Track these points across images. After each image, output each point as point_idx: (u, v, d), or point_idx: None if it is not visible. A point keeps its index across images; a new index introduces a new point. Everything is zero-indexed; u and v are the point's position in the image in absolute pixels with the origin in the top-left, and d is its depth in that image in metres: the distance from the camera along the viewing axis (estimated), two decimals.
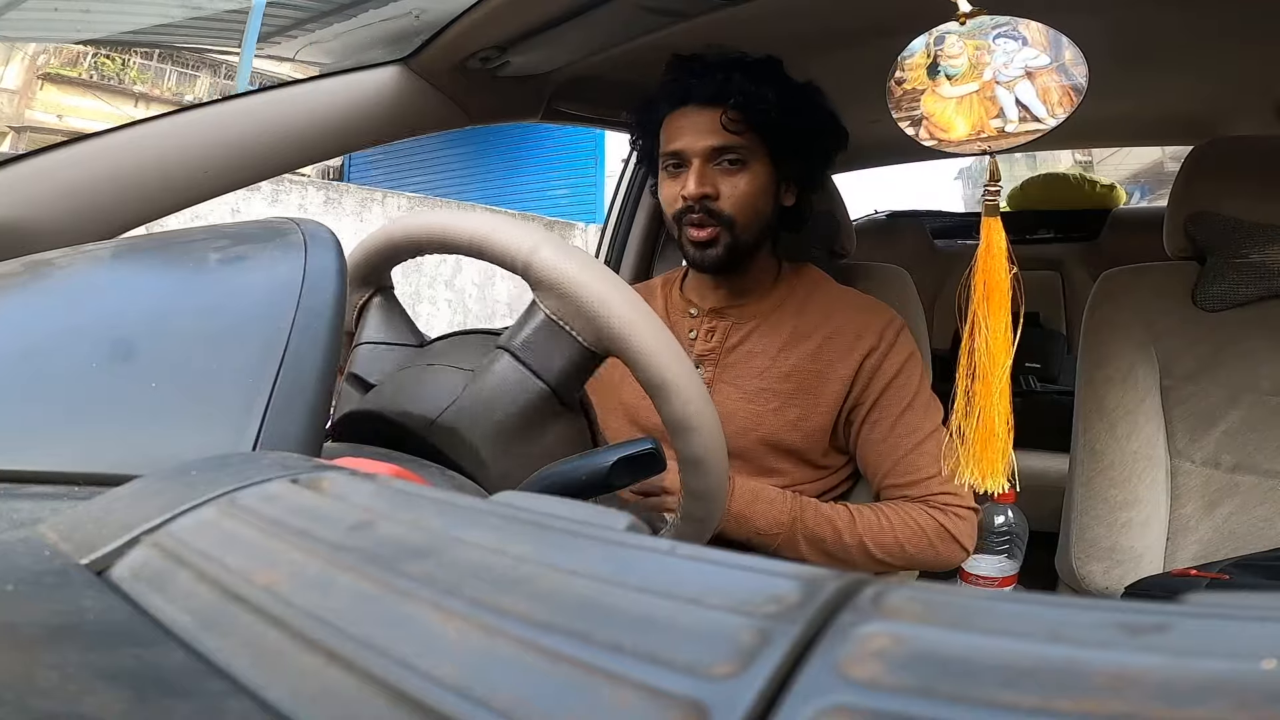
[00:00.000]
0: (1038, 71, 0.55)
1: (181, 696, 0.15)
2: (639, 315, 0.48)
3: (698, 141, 0.85)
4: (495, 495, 0.23)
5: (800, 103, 0.87)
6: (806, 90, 0.89)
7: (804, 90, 0.88)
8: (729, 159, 0.85)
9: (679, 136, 0.86)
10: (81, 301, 0.38)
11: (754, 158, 0.86)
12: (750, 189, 0.86)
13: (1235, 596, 0.13)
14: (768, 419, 0.89)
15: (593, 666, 0.13)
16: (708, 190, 0.85)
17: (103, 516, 0.23)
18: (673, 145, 0.87)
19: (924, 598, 0.13)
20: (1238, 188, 0.87)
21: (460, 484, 0.46)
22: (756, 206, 0.87)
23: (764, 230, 0.89)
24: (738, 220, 0.86)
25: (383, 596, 0.16)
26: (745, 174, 0.85)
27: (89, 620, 0.17)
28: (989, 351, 0.59)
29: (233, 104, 0.77)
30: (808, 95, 0.88)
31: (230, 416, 0.32)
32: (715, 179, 0.85)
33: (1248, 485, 0.86)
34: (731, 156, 0.85)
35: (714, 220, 0.86)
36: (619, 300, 0.48)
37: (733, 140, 0.84)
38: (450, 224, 0.51)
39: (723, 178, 0.85)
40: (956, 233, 2.27)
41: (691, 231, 0.86)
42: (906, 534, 0.84)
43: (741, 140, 0.84)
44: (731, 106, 0.83)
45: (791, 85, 0.87)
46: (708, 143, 0.85)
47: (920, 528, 0.84)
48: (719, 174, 0.86)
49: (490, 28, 0.79)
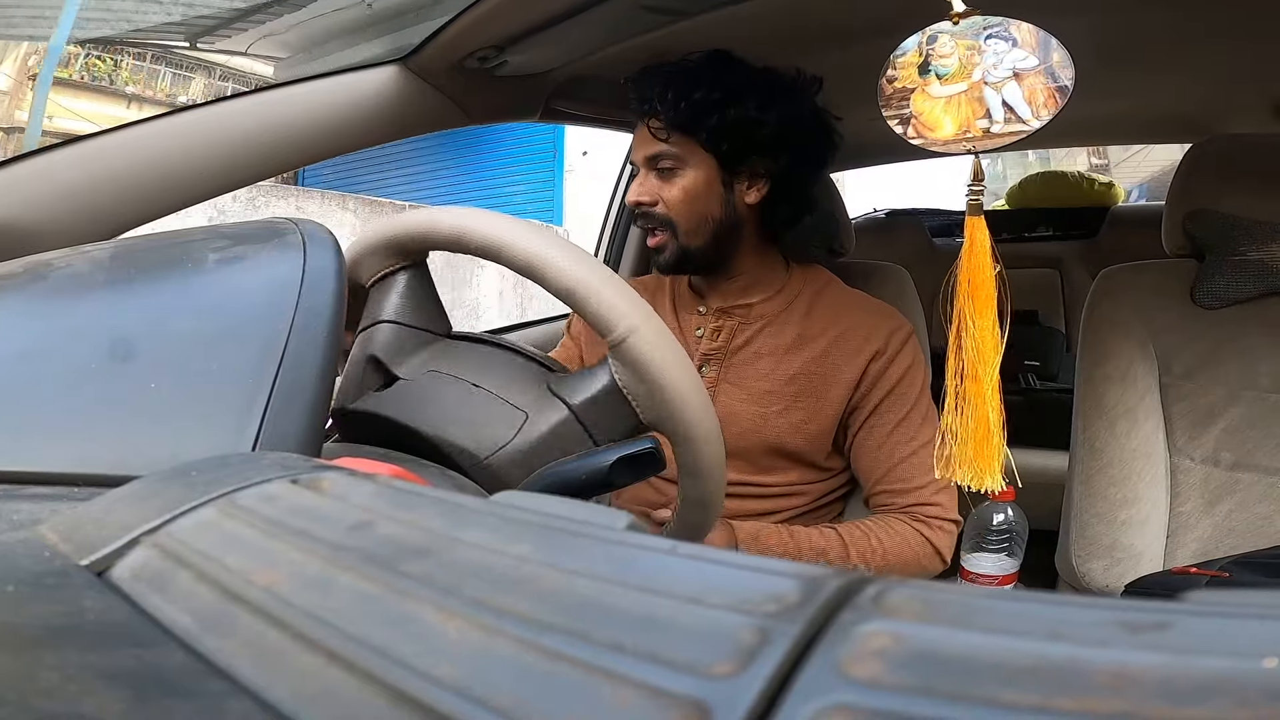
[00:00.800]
0: (1025, 73, 0.56)
1: (182, 697, 0.15)
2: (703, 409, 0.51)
3: (639, 151, 0.88)
4: (495, 495, 0.23)
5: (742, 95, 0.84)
6: (757, 80, 0.85)
7: (753, 81, 0.85)
8: (662, 165, 0.86)
9: (634, 148, 0.90)
10: (80, 302, 0.38)
11: (690, 160, 0.85)
12: (686, 193, 0.86)
13: (1235, 595, 0.13)
14: (771, 421, 0.89)
15: (593, 666, 0.13)
16: (643, 199, 0.87)
17: (103, 517, 0.23)
18: (632, 156, 0.91)
19: (924, 596, 0.13)
20: (1236, 185, 0.87)
21: (460, 484, 0.46)
22: (697, 209, 0.86)
23: (719, 231, 0.88)
24: (679, 224, 0.87)
25: (383, 596, 0.16)
26: (680, 178, 0.86)
27: (89, 621, 0.17)
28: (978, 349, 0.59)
29: (231, 104, 0.77)
30: (756, 86, 0.85)
31: (230, 417, 0.32)
32: (655, 186, 0.87)
33: (1247, 482, 0.86)
34: (664, 164, 0.86)
35: (657, 225, 0.87)
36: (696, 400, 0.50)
37: (661, 147, 0.85)
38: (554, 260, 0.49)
39: (661, 184, 0.87)
40: (956, 231, 2.27)
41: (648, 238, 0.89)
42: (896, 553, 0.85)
43: (669, 146, 0.85)
44: (647, 114, 0.85)
45: (728, 80, 0.84)
46: (644, 152, 0.87)
47: (908, 544, 0.86)
48: (659, 181, 0.87)
49: (489, 27, 0.79)
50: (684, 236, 0.87)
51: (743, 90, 0.84)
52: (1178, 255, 0.94)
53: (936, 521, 0.87)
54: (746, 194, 0.88)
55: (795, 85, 0.87)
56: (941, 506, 0.87)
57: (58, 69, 6.45)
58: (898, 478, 0.87)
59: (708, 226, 0.87)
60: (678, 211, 0.86)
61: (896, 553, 0.85)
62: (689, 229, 0.87)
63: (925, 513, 0.87)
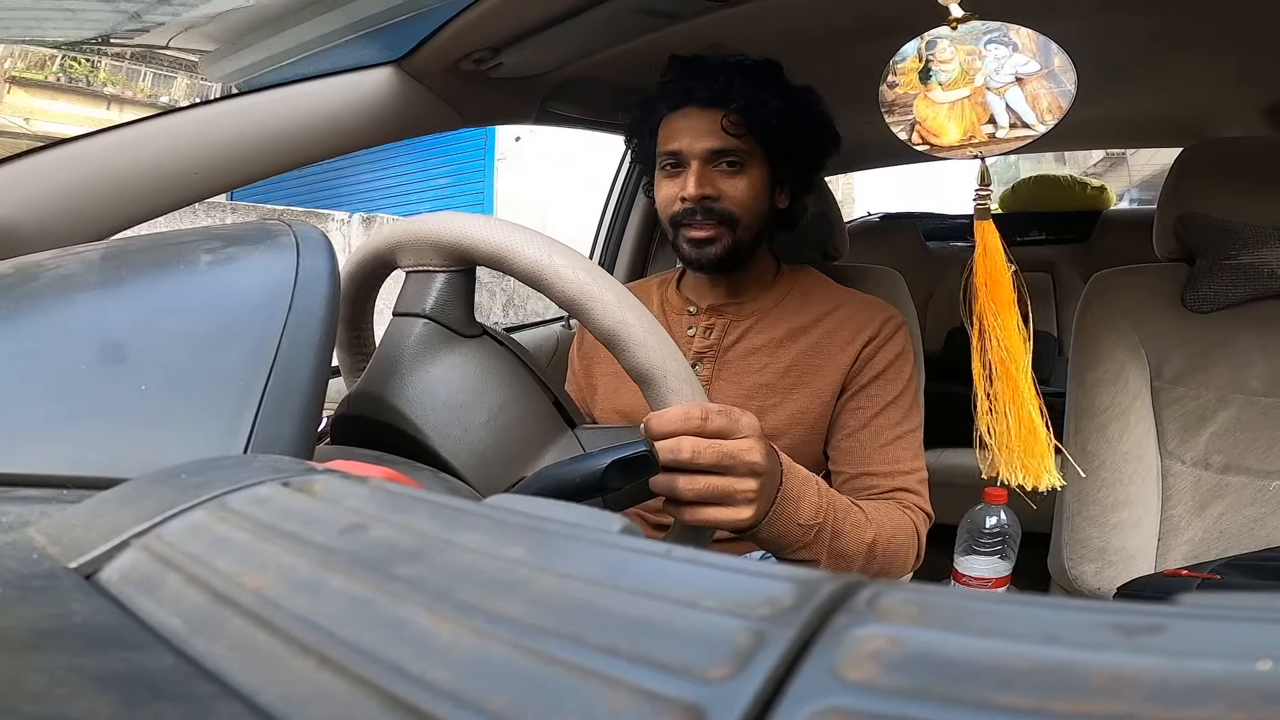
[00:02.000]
0: (1027, 78, 0.56)
1: (171, 700, 0.14)
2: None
3: (697, 143, 0.86)
4: (488, 498, 0.23)
5: (797, 108, 0.87)
6: (804, 95, 0.89)
7: (801, 95, 0.89)
8: (728, 161, 0.86)
9: (677, 137, 0.87)
10: (71, 303, 0.38)
11: (752, 160, 0.87)
12: (752, 189, 0.87)
13: (1229, 598, 0.13)
14: (769, 414, 0.89)
15: (587, 670, 0.13)
16: (708, 191, 0.86)
17: (92, 520, 0.22)
18: (670, 145, 0.87)
19: (919, 600, 0.13)
20: (1227, 190, 0.87)
21: (454, 486, 0.45)
22: (757, 207, 0.88)
23: (763, 230, 0.90)
24: (741, 219, 0.87)
25: (375, 600, 0.16)
26: (744, 176, 0.87)
27: (78, 624, 0.17)
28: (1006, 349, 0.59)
29: (224, 105, 0.77)
30: (805, 100, 0.89)
31: (221, 419, 0.32)
32: (715, 180, 0.86)
33: (1238, 485, 0.87)
34: (731, 159, 0.86)
35: (715, 219, 0.86)
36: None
37: (733, 144, 0.85)
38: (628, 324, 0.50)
39: (722, 179, 0.86)
40: (949, 234, 2.28)
41: (691, 231, 0.87)
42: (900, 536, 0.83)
43: (741, 144, 0.85)
44: (732, 110, 0.84)
45: (790, 90, 0.88)
46: (707, 144, 0.85)
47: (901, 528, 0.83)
48: (718, 175, 0.86)
49: (484, 29, 0.79)
50: (742, 231, 0.87)
51: (795, 100, 0.87)
52: (1169, 259, 0.94)
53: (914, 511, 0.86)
54: (779, 199, 0.91)
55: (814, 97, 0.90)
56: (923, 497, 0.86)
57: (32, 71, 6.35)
58: (883, 459, 0.86)
59: (759, 224, 0.89)
60: (743, 207, 0.87)
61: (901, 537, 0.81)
62: (748, 224, 0.87)
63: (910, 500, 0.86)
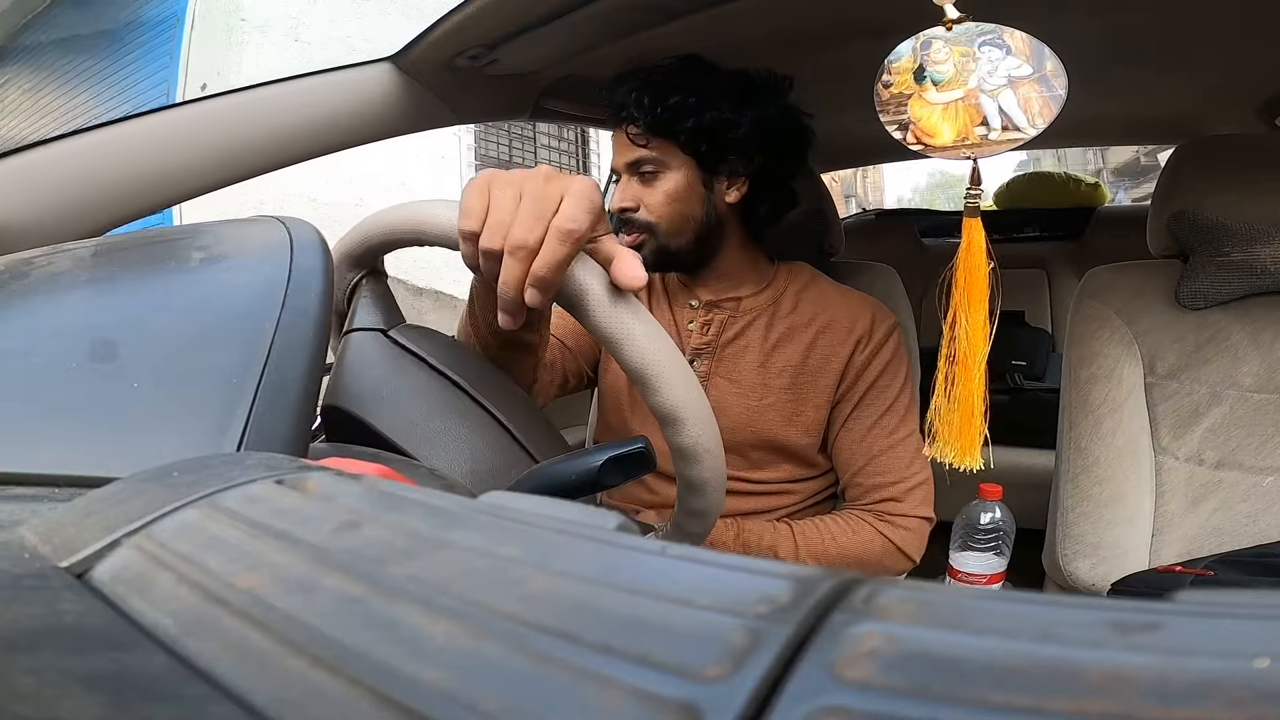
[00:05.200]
0: (1020, 81, 0.57)
1: (162, 701, 0.14)
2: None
3: (619, 158, 0.89)
4: (483, 496, 0.23)
5: (719, 101, 0.84)
6: (729, 81, 0.86)
7: (726, 84, 0.86)
8: (643, 171, 0.87)
9: (615, 155, 0.91)
10: (62, 301, 0.37)
11: (670, 164, 0.87)
12: (669, 196, 0.87)
13: (1226, 595, 0.13)
14: (764, 414, 0.90)
15: (582, 669, 0.13)
16: (626, 204, 0.87)
17: (83, 518, 0.22)
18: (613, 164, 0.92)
19: (917, 597, 0.13)
20: (1220, 187, 0.88)
21: (448, 484, 0.45)
22: (680, 211, 0.88)
23: (700, 231, 0.89)
24: (660, 226, 0.88)
25: (368, 599, 0.16)
26: (661, 182, 0.87)
27: (67, 624, 0.17)
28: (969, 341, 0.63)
29: (217, 102, 0.76)
30: (729, 87, 0.86)
31: (214, 417, 0.32)
32: (637, 191, 0.88)
33: (1231, 481, 0.87)
34: (645, 169, 0.87)
35: (635, 229, 0.88)
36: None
37: (642, 153, 0.86)
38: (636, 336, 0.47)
39: (642, 189, 0.88)
40: (944, 231, 2.28)
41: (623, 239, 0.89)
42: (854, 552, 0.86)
43: (651, 151, 0.86)
44: (625, 120, 0.86)
45: (701, 82, 0.85)
46: (624, 158, 0.88)
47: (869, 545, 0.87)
48: (640, 186, 0.88)
49: (479, 26, 0.79)
50: (663, 237, 0.88)
51: (716, 92, 0.85)
52: (1162, 256, 0.95)
53: (903, 520, 0.88)
54: (726, 193, 0.89)
55: (767, 85, 0.88)
56: (909, 504, 0.88)
57: None
58: (873, 471, 0.89)
59: (689, 226, 0.89)
60: (659, 214, 0.87)
61: (855, 552, 0.86)
62: (670, 230, 0.88)
63: (892, 510, 0.88)
